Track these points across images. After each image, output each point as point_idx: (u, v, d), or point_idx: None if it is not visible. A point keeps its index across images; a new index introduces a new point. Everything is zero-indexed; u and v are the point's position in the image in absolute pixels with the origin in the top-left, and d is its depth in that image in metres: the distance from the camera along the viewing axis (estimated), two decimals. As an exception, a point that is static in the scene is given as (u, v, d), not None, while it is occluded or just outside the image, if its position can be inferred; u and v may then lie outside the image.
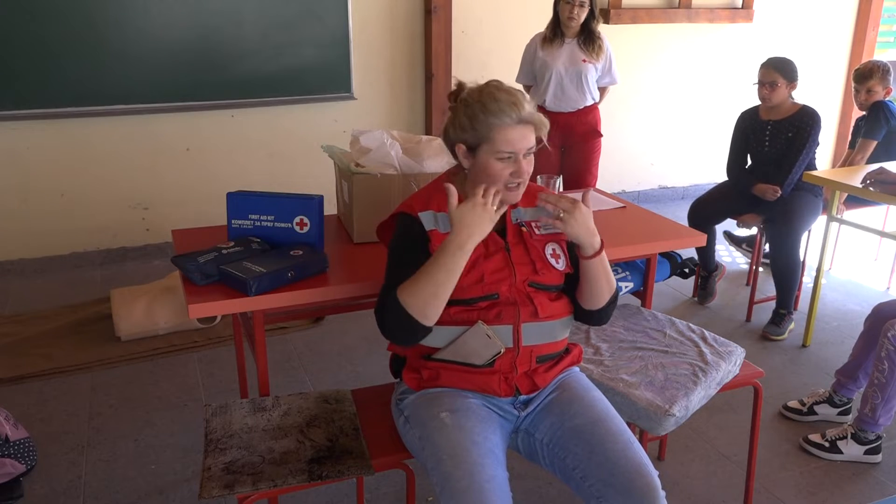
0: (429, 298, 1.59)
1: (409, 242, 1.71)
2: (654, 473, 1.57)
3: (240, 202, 2.15)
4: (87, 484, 2.39)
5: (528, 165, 1.69)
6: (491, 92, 1.65)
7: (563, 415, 1.70)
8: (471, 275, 1.66)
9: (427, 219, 1.71)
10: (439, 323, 1.66)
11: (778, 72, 3.42)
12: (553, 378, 1.78)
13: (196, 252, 1.98)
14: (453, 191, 1.62)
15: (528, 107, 1.65)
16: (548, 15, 3.96)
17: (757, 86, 3.50)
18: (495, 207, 1.60)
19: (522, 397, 1.74)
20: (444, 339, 1.69)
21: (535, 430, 1.73)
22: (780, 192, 3.45)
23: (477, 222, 1.58)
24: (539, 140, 1.70)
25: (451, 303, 1.67)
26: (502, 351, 1.67)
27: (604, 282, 1.74)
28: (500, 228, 1.75)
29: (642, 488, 1.54)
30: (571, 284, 1.80)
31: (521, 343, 1.70)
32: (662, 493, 1.56)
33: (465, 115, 1.66)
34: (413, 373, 1.74)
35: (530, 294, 1.71)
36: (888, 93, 3.83)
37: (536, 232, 1.76)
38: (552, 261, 1.74)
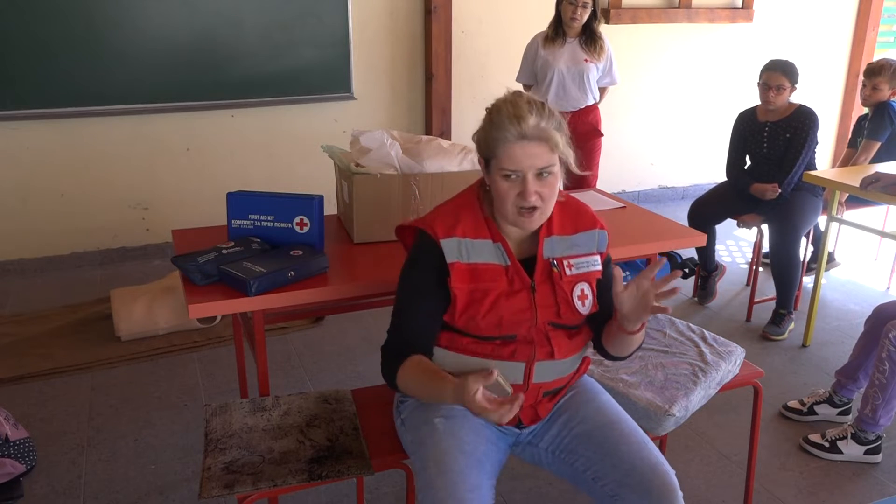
0: (420, 398, 1.64)
1: (426, 271, 1.59)
2: (671, 473, 1.56)
3: (240, 202, 2.15)
4: (87, 484, 2.39)
5: (544, 187, 1.52)
6: (504, 101, 1.54)
7: (570, 421, 1.67)
8: (489, 316, 1.56)
9: (450, 248, 1.57)
10: (449, 349, 1.63)
11: (785, 75, 3.42)
12: (556, 403, 1.72)
13: (196, 252, 1.98)
14: (479, 380, 1.36)
15: (535, 120, 1.49)
16: (547, 15, 3.96)
17: (760, 88, 3.50)
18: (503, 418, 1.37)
19: (524, 427, 1.70)
20: (451, 364, 1.61)
21: (538, 441, 1.70)
22: (779, 189, 3.45)
23: (465, 405, 1.39)
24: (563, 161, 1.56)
25: (464, 334, 1.60)
26: (510, 393, 1.63)
27: (638, 341, 1.66)
28: (530, 255, 1.62)
29: (660, 487, 1.52)
30: (594, 317, 1.69)
31: (532, 381, 1.63)
32: (680, 493, 1.54)
33: (483, 124, 1.57)
34: None
35: (549, 334, 1.61)
36: (894, 93, 3.82)
37: (568, 272, 1.62)
38: (578, 303, 1.62)
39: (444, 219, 1.61)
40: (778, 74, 3.43)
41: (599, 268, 1.67)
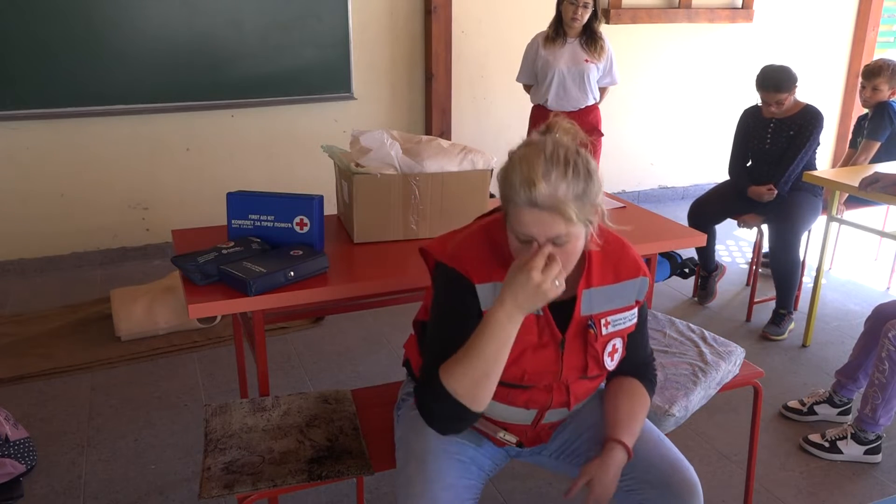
0: (480, 379, 1.37)
1: (464, 306, 1.45)
2: (691, 469, 1.55)
3: (240, 202, 2.15)
4: (87, 484, 2.39)
5: (560, 253, 1.35)
6: (522, 158, 1.33)
7: (579, 427, 1.66)
8: (513, 368, 1.46)
9: (485, 295, 1.44)
10: None
11: (779, 90, 3.39)
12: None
13: (196, 252, 1.98)
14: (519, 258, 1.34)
15: (548, 188, 1.29)
16: (547, 15, 3.96)
17: (762, 105, 3.49)
18: (557, 283, 1.33)
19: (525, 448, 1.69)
20: None
21: (541, 450, 1.70)
22: (775, 191, 3.45)
23: (529, 296, 1.32)
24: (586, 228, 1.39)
25: None
26: (514, 443, 1.60)
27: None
28: (567, 298, 1.47)
29: (680, 483, 1.51)
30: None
31: (541, 423, 1.59)
32: (700, 489, 1.53)
33: (502, 169, 1.37)
34: None
35: (570, 386, 1.54)
36: (894, 93, 3.81)
37: (604, 331, 1.50)
38: (607, 359, 1.53)
39: (479, 260, 1.46)
40: (771, 93, 3.41)
41: (635, 321, 1.56)
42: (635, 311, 1.56)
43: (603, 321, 1.50)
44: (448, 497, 1.46)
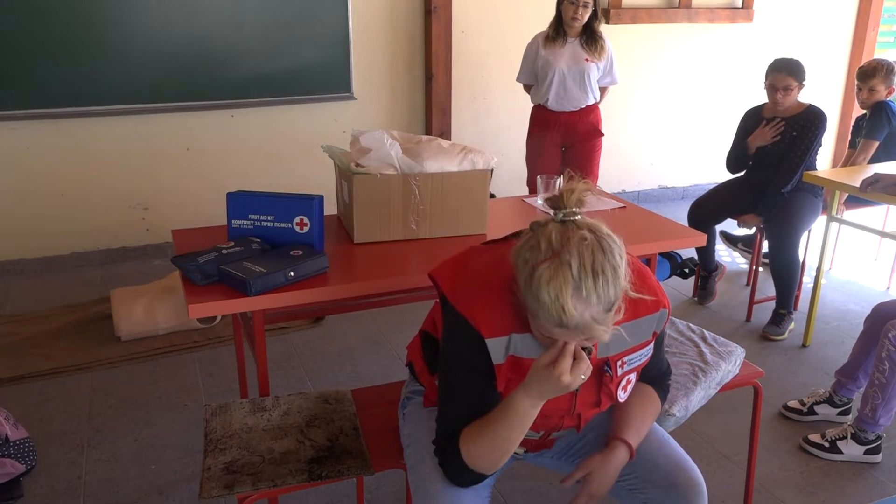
0: (500, 457, 1.40)
1: (473, 369, 1.41)
2: (696, 468, 1.55)
3: (240, 202, 2.15)
4: (87, 484, 2.39)
5: (589, 341, 1.32)
6: (548, 279, 1.22)
7: (581, 430, 1.65)
8: None
9: (497, 349, 1.38)
10: None
11: (791, 75, 3.40)
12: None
13: (196, 252, 1.98)
14: (552, 353, 1.30)
15: (579, 312, 1.22)
16: (547, 15, 3.96)
17: (767, 90, 3.49)
18: (584, 376, 1.31)
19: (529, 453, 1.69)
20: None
21: (543, 452, 1.70)
22: (777, 133, 3.46)
23: (556, 392, 1.32)
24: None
25: None
26: (521, 455, 1.61)
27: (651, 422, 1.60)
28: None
29: (685, 482, 1.51)
30: None
31: (547, 439, 1.62)
32: (705, 488, 1.53)
33: (522, 272, 1.28)
34: (430, 401, 1.69)
35: (581, 415, 1.53)
36: (891, 92, 3.81)
37: (619, 371, 1.47)
38: (620, 393, 1.51)
39: (492, 307, 1.38)
40: (783, 76, 3.41)
41: (651, 353, 1.52)
42: (652, 344, 1.51)
43: (619, 362, 1.46)
44: (469, 493, 1.47)
